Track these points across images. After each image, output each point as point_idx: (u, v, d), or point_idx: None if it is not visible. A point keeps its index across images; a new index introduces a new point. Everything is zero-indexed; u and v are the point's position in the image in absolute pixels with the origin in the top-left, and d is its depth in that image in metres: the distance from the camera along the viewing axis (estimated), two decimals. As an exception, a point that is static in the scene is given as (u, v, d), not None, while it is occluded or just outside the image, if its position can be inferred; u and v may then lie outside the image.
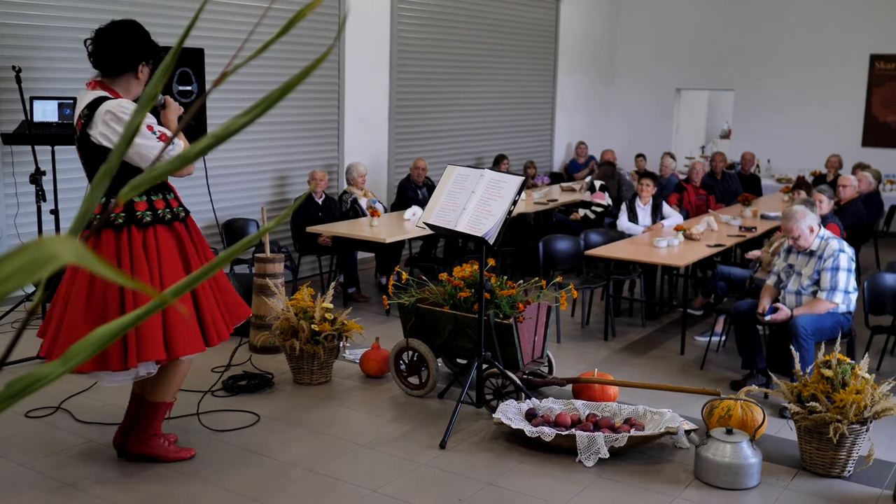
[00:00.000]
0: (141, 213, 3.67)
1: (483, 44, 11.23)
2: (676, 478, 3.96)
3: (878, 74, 12.41)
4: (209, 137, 0.89)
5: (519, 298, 4.90)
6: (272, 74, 8.01)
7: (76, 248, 0.77)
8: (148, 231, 3.69)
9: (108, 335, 0.87)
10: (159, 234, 3.71)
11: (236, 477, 3.92)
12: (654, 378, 5.95)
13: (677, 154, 12.99)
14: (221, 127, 0.89)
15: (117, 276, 0.79)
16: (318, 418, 4.68)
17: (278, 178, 8.68)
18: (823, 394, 3.90)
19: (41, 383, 0.85)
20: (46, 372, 0.85)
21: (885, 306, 6.22)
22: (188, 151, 0.89)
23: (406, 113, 10.11)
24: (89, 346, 0.87)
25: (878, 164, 11.34)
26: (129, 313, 0.88)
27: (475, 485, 3.87)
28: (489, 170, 4.61)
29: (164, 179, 3.39)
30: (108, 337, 0.86)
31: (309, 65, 0.88)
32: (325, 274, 8.53)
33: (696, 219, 8.58)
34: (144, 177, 0.91)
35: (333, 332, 5.13)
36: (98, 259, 0.77)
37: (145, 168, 3.66)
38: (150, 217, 3.70)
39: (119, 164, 0.90)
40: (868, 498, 3.76)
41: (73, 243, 0.77)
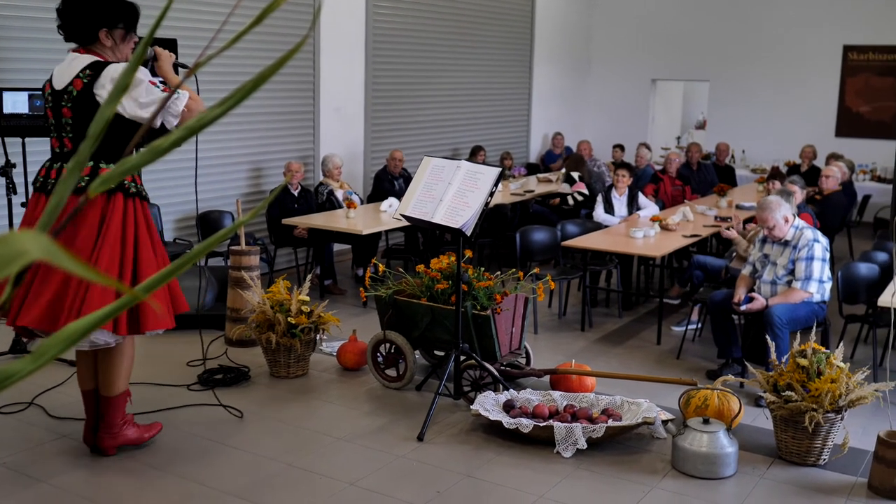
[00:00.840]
0: (128, 183, 3.68)
1: (459, 34, 11.20)
2: (654, 468, 3.98)
3: (851, 65, 12.51)
4: (183, 129, 0.87)
5: (496, 290, 4.89)
6: (246, 65, 7.94)
7: (45, 243, 0.75)
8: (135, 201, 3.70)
9: (79, 331, 0.85)
10: (145, 207, 3.74)
11: (212, 471, 3.89)
12: (631, 368, 5.98)
13: (653, 145, 13.04)
14: (195, 118, 0.87)
15: (86, 272, 0.78)
16: (294, 412, 4.65)
17: (253, 170, 8.61)
18: (799, 383, 3.93)
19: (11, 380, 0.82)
20: (16, 369, 0.83)
21: (859, 295, 6.28)
22: (160, 144, 0.87)
23: (382, 104, 10.06)
24: (61, 342, 0.85)
25: (852, 154, 11.44)
26: (103, 308, 0.87)
27: (453, 477, 3.86)
28: (466, 161, 4.60)
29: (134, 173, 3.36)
30: (80, 333, 0.85)
31: (283, 55, 0.86)
32: (301, 266, 8.48)
33: (672, 209, 8.62)
34: (116, 169, 0.89)
35: (310, 324, 5.10)
36: (68, 255, 0.76)
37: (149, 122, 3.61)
38: (134, 189, 3.71)
39: (108, 125, 0.88)
40: (843, 486, 3.80)
41: (42, 239, 0.75)
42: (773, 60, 12.98)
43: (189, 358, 5.40)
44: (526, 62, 12.76)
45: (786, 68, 12.89)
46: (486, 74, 11.85)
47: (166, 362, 5.33)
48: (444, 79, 11.03)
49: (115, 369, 3.86)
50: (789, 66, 12.87)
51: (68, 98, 3.61)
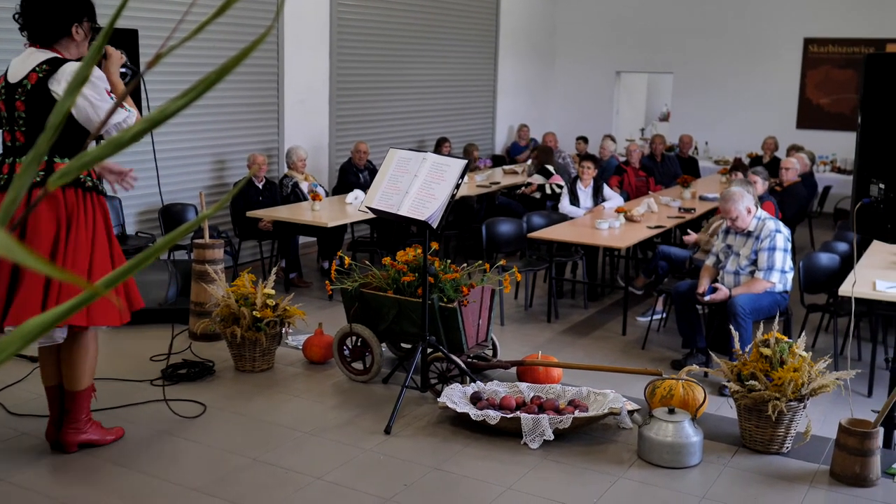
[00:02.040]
0: (84, 177, 3.65)
1: (424, 26, 11.17)
2: (620, 458, 4.00)
3: (812, 58, 12.67)
4: (144, 121, 0.85)
5: (463, 282, 4.89)
6: (208, 56, 7.85)
7: (3, 239, 0.74)
8: (93, 195, 3.68)
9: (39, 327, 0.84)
10: (102, 202, 3.71)
11: (176, 467, 3.85)
12: (597, 359, 6.01)
13: (617, 136, 13.11)
14: (157, 110, 0.85)
15: (46, 268, 0.76)
16: (260, 406, 4.62)
17: (216, 162, 8.52)
18: (762, 372, 3.97)
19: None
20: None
21: (820, 285, 6.36)
22: (120, 137, 0.85)
23: (347, 95, 10.01)
24: (19, 340, 0.83)
25: (812, 145, 11.60)
26: (62, 304, 0.85)
27: (421, 469, 3.86)
28: (432, 153, 4.58)
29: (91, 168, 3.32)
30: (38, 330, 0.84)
31: (247, 46, 0.85)
32: (266, 259, 8.42)
33: (637, 201, 8.68)
34: (75, 163, 0.87)
35: (275, 318, 5.06)
36: (26, 252, 0.74)
37: (91, 129, 3.62)
38: (91, 183, 3.69)
39: (65, 120, 0.86)
40: (806, 473, 3.85)
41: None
42: (735, 53, 13.11)
43: (152, 353, 5.34)
44: (491, 54, 12.76)
45: (748, 61, 13.02)
46: (451, 66, 11.83)
47: (129, 357, 5.27)
48: (409, 71, 10.99)
49: (78, 365, 3.82)
50: (751, 58, 13.00)
51: (22, 91, 3.59)
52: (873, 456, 3.71)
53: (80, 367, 3.83)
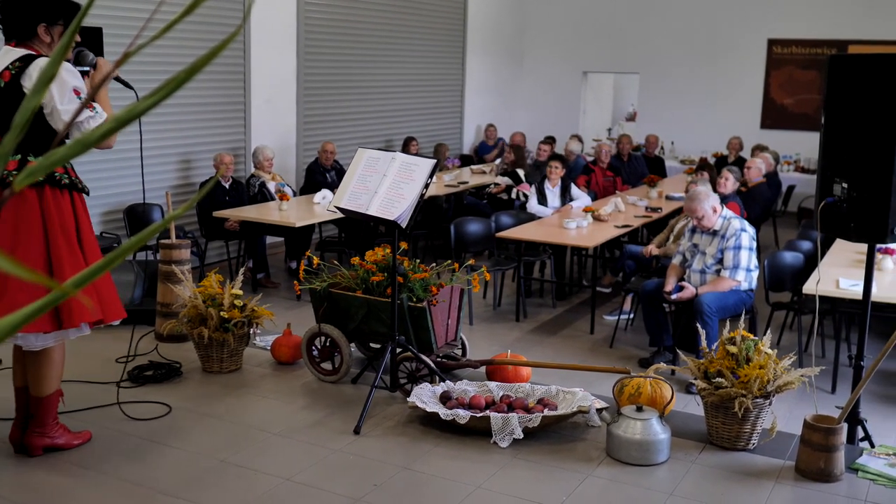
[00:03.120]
0: (59, 174, 3.61)
1: (392, 26, 11.15)
2: (589, 455, 4.02)
3: (776, 58, 12.83)
4: (112, 121, 0.84)
5: (432, 282, 4.88)
6: (174, 55, 7.78)
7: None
8: (66, 194, 3.63)
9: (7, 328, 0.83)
10: (77, 201, 3.67)
11: (143, 469, 3.81)
12: (566, 358, 6.04)
13: (584, 136, 13.18)
14: (125, 109, 0.84)
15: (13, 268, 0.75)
16: (228, 407, 4.58)
17: (182, 162, 8.45)
18: (728, 369, 4.01)
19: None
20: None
21: (785, 283, 6.45)
22: (89, 137, 0.84)
23: (314, 95, 9.96)
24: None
25: (776, 145, 11.75)
26: (29, 305, 0.84)
27: (390, 469, 3.85)
28: (400, 153, 4.58)
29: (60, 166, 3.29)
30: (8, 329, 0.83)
31: (217, 45, 0.84)
32: (233, 259, 8.36)
33: (604, 200, 8.74)
34: (43, 161, 0.86)
35: (243, 318, 5.03)
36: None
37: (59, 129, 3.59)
38: (67, 180, 3.64)
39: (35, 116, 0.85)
40: (772, 469, 3.90)
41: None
42: (700, 54, 13.24)
43: (118, 354, 5.27)
44: (459, 54, 12.77)
45: (713, 61, 13.16)
46: (418, 66, 11.83)
47: (94, 359, 5.20)
48: (376, 70, 10.97)
49: (43, 371, 3.77)
50: (716, 59, 13.14)
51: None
52: (837, 451, 3.76)
53: (44, 373, 3.78)
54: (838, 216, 4.09)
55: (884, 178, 3.86)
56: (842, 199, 4.04)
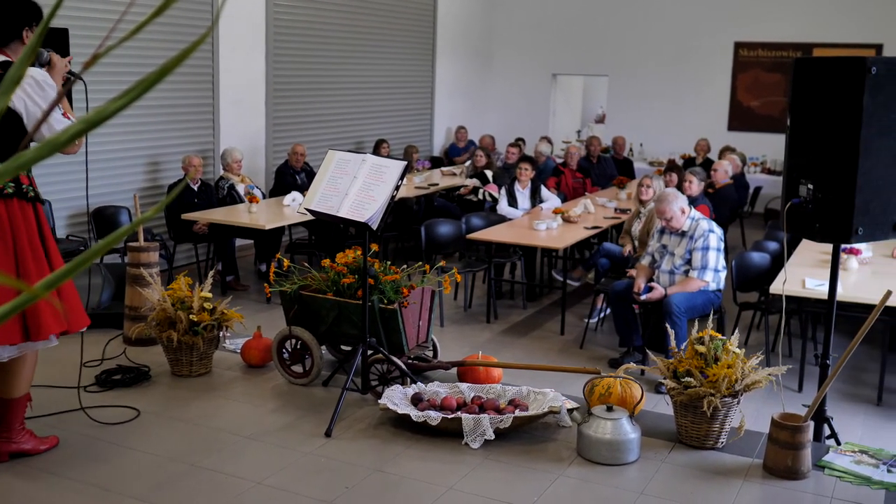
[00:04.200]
0: (26, 186, 3.59)
1: (361, 27, 11.13)
2: (560, 456, 4.04)
3: (742, 61, 12.97)
4: (80, 123, 0.83)
5: (403, 283, 4.88)
6: (141, 57, 7.71)
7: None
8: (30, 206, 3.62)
9: None
10: (39, 212, 3.65)
11: (112, 474, 3.77)
12: (536, 358, 6.06)
13: (554, 138, 13.24)
14: (94, 111, 0.84)
15: None
16: (198, 411, 4.55)
17: (150, 164, 8.37)
18: (697, 369, 4.05)
19: None
20: None
21: (752, 283, 6.52)
22: (57, 139, 0.83)
23: (283, 97, 9.92)
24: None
25: (743, 147, 11.87)
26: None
27: (362, 472, 3.85)
28: (371, 154, 4.57)
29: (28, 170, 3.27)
30: None
31: (188, 47, 0.84)
32: (202, 262, 8.29)
33: (574, 201, 8.78)
34: (10, 164, 0.85)
35: (213, 321, 4.99)
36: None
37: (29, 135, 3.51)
38: (33, 193, 3.63)
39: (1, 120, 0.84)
40: (740, 467, 3.94)
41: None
42: (668, 56, 13.35)
43: (86, 359, 5.21)
44: (428, 56, 12.77)
45: (680, 64, 13.28)
46: (388, 68, 11.81)
47: (62, 364, 5.14)
48: (346, 72, 10.94)
49: (18, 372, 3.75)
50: (684, 61, 13.25)
51: None
52: (804, 449, 3.81)
53: (17, 374, 3.76)
54: (804, 217, 4.15)
55: (848, 179, 3.92)
56: (807, 200, 4.10)
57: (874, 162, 3.93)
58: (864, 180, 3.92)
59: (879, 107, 3.87)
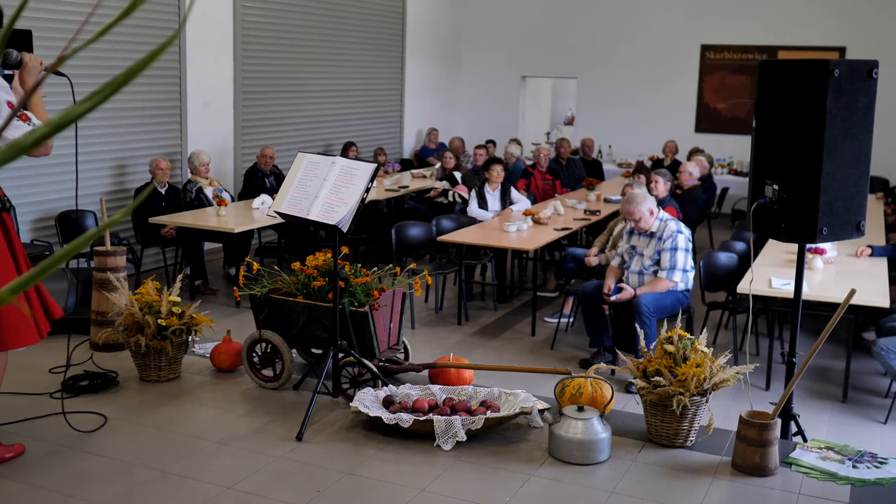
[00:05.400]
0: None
1: (330, 29, 11.10)
2: (531, 456, 4.06)
3: (709, 64, 13.10)
4: (46, 125, 0.82)
5: (373, 286, 4.87)
6: (107, 59, 7.64)
7: None
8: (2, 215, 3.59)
9: None
10: (7, 221, 3.59)
11: (80, 482, 3.72)
12: (507, 359, 6.08)
13: (524, 140, 13.29)
14: (61, 114, 0.83)
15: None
16: (167, 416, 4.51)
17: (117, 167, 8.29)
18: (667, 368, 4.08)
19: None
20: None
21: (720, 283, 6.58)
22: (22, 142, 0.82)
23: (252, 99, 9.87)
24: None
25: (710, 148, 11.99)
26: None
27: (334, 475, 3.83)
28: (341, 157, 4.56)
29: None
30: None
31: (156, 48, 0.83)
32: (170, 266, 8.23)
33: (544, 203, 8.82)
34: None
35: (181, 326, 4.95)
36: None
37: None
38: (10, 204, 3.61)
39: None
40: (709, 465, 3.98)
41: None
42: (636, 59, 13.45)
43: (51, 364, 5.15)
44: (398, 58, 12.77)
45: (648, 66, 13.38)
46: (357, 70, 11.79)
47: (27, 370, 5.07)
48: (315, 74, 10.91)
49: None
50: (651, 64, 13.36)
51: None
52: (772, 446, 3.86)
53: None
54: (770, 217, 4.20)
55: (812, 180, 3.98)
56: (773, 200, 4.15)
57: (838, 163, 3.99)
58: (828, 181, 3.98)
59: (842, 109, 3.93)
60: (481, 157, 10.17)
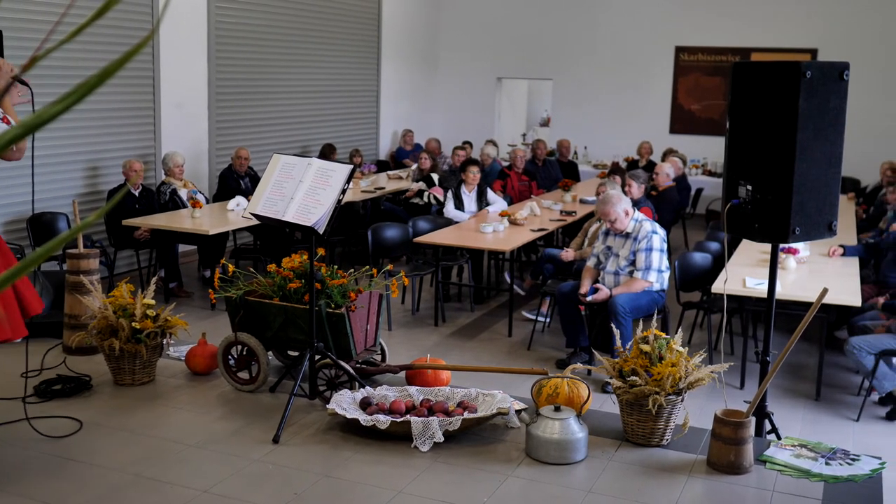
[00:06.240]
0: None
1: (306, 30, 11.07)
2: (509, 456, 4.06)
3: (683, 65, 13.20)
4: (18, 127, 0.82)
5: (350, 287, 4.86)
6: (80, 60, 7.57)
7: None
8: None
9: None
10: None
11: (53, 488, 3.68)
12: (484, 360, 6.09)
13: (500, 141, 13.31)
14: (33, 115, 0.82)
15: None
16: (142, 420, 4.47)
17: (89, 169, 8.21)
18: (642, 368, 4.10)
19: None
20: None
21: (694, 283, 6.63)
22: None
23: (227, 100, 9.81)
24: None
25: (684, 149, 12.08)
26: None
27: (311, 477, 3.82)
28: (316, 158, 4.55)
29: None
30: None
31: (130, 49, 0.83)
32: (143, 269, 8.16)
33: (520, 204, 8.84)
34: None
35: (156, 329, 4.91)
36: None
37: None
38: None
39: None
40: (685, 464, 4.00)
41: None
42: (611, 61, 13.52)
43: (24, 369, 5.09)
44: (373, 59, 12.75)
45: (623, 68, 13.46)
46: (333, 71, 11.77)
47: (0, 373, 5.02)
48: (290, 75, 10.87)
49: None
50: (626, 66, 13.44)
51: None
52: (746, 444, 3.89)
53: None
54: (743, 217, 4.24)
55: (785, 181, 4.02)
56: (746, 200, 4.19)
57: (810, 164, 4.03)
58: (801, 181, 4.02)
59: (814, 110, 3.98)
60: (460, 158, 10.17)
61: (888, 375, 5.55)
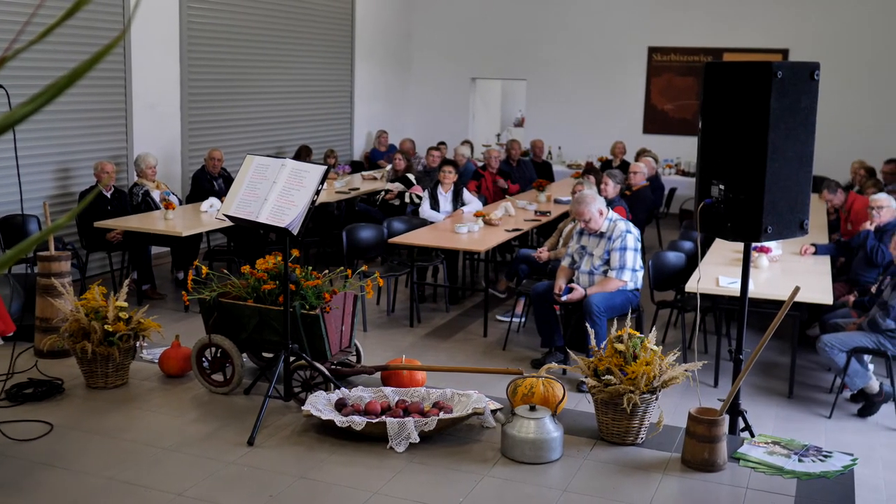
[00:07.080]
0: None
1: (279, 31, 11.02)
2: (484, 456, 4.07)
3: (656, 66, 13.28)
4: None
5: (325, 289, 4.85)
6: (49, 60, 7.49)
7: None
8: None
9: None
10: None
11: (25, 493, 3.64)
12: (460, 361, 6.09)
13: (474, 142, 13.33)
14: (2, 117, 0.81)
15: None
16: (115, 423, 4.43)
17: (60, 171, 8.13)
18: (617, 367, 4.12)
19: None
20: None
21: (668, 282, 6.67)
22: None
23: (200, 101, 9.75)
24: None
25: (657, 149, 12.16)
26: None
27: (286, 479, 3.80)
28: (290, 159, 4.53)
29: None
30: None
31: (101, 50, 0.82)
32: (116, 271, 8.09)
33: (495, 205, 8.85)
34: None
35: (129, 331, 4.87)
36: None
37: None
38: None
39: None
40: (660, 462, 4.03)
41: None
42: (585, 61, 13.58)
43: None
44: (347, 60, 12.72)
45: (596, 68, 13.52)
46: (307, 72, 11.72)
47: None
48: (264, 76, 10.82)
49: None
50: (599, 66, 13.50)
51: None
52: (720, 442, 3.92)
53: None
54: (716, 217, 4.27)
55: (757, 180, 4.06)
56: (719, 200, 4.22)
57: (781, 163, 4.07)
58: (772, 181, 4.06)
59: (785, 110, 4.02)
60: (434, 158, 10.17)
61: (860, 373, 5.62)
